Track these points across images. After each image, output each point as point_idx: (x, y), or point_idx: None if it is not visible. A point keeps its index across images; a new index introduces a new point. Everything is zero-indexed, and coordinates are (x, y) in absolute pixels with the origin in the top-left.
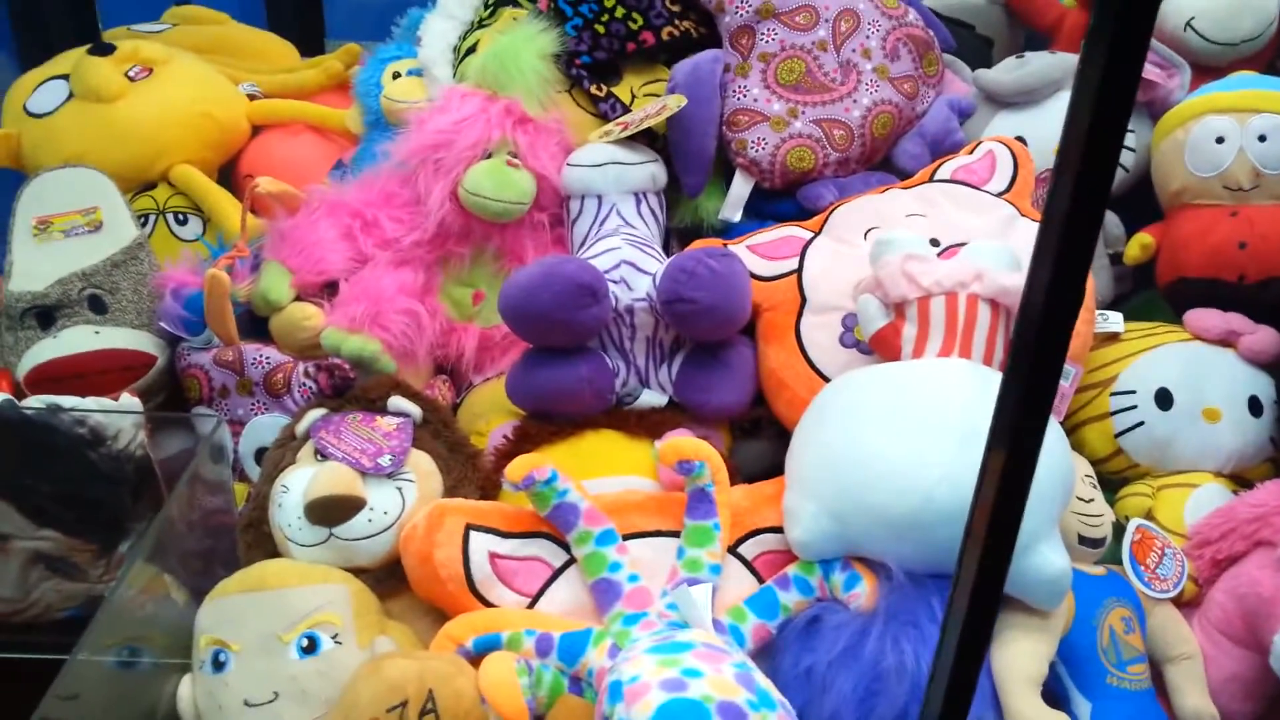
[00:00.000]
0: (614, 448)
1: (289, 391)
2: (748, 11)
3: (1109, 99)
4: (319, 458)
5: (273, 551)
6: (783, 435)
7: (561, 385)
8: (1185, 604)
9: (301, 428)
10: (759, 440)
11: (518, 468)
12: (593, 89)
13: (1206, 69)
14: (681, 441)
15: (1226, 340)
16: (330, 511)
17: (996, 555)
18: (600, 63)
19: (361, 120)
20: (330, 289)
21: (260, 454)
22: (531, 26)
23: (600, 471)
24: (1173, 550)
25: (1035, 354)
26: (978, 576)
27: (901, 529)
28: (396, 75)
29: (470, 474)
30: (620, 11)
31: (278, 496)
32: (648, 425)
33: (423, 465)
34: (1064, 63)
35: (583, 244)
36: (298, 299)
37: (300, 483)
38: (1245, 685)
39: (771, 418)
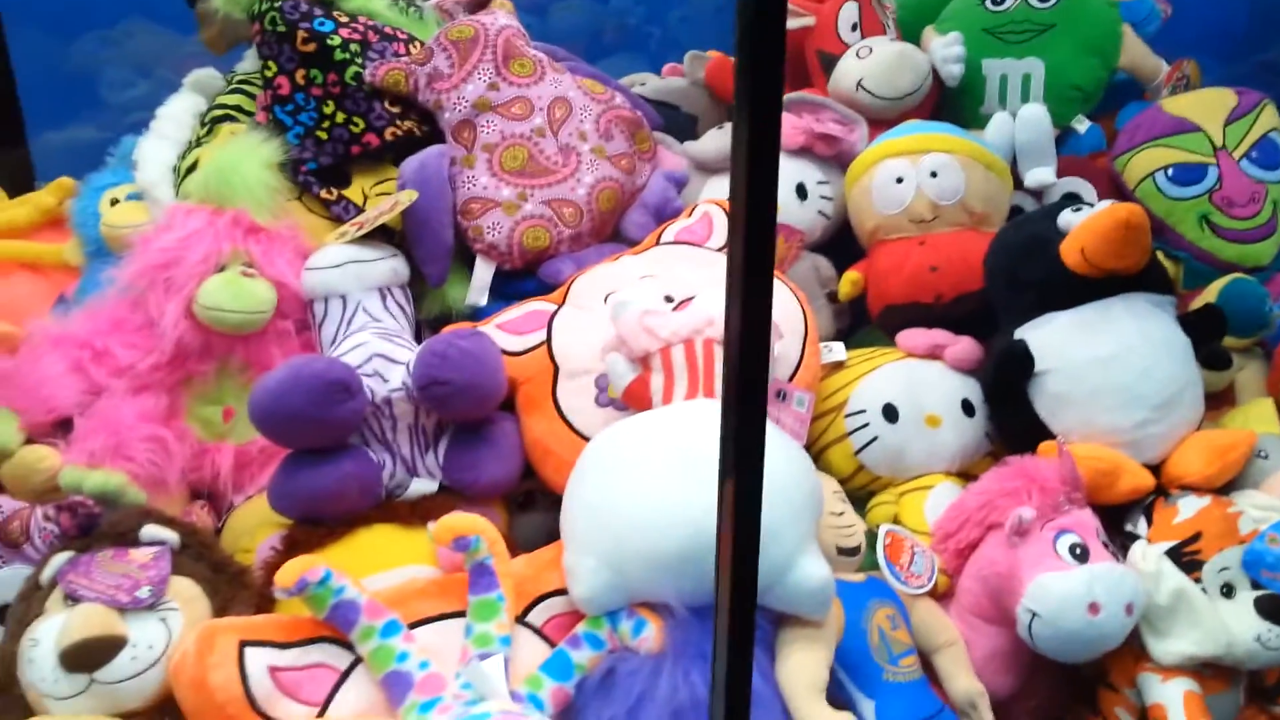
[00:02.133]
0: (389, 541)
1: (29, 539)
2: (465, 107)
3: (759, 152)
4: (69, 603)
5: (27, 716)
6: (557, 504)
7: (326, 486)
8: (941, 596)
9: (46, 575)
10: (535, 512)
11: (288, 572)
12: (323, 193)
13: (880, 121)
14: (454, 518)
15: (934, 354)
16: (89, 655)
17: (746, 574)
18: (327, 168)
19: (82, 251)
20: (64, 426)
21: (3, 612)
22: (252, 139)
23: (378, 567)
24: (921, 549)
25: (741, 385)
26: (732, 597)
27: (676, 565)
28: (115, 202)
29: (240, 592)
30: (341, 117)
31: (27, 652)
32: (421, 513)
33: (186, 591)
34: None
35: (332, 344)
36: (29, 441)
37: (51, 632)
38: (1004, 659)
39: (544, 488)
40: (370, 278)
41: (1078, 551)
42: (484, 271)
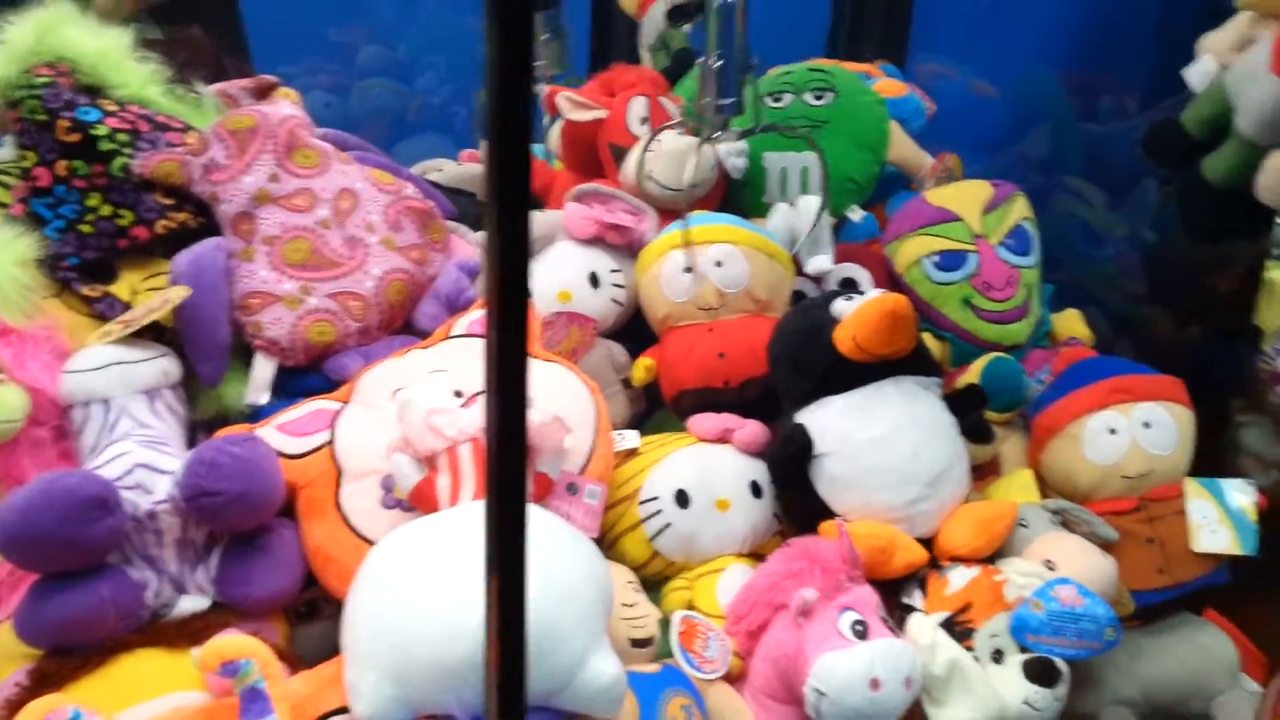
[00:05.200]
0: (154, 666)
1: None
2: (244, 199)
3: (510, 243)
4: None
5: None
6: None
7: (79, 613)
8: (735, 678)
9: None
10: (320, 622)
11: (28, 716)
12: (85, 290)
13: (669, 211)
14: (220, 642)
15: (723, 438)
16: None
17: (512, 679)
18: (91, 263)
19: None
20: None
21: None
22: (4, 234)
23: (140, 696)
24: (716, 632)
25: (501, 482)
26: (500, 705)
27: (460, 675)
28: None
29: None
30: (107, 209)
31: None
32: (191, 633)
33: None
34: (552, 219)
35: (92, 453)
36: None
37: None
38: None
39: (328, 596)
40: (137, 380)
41: (859, 629)
42: (264, 369)
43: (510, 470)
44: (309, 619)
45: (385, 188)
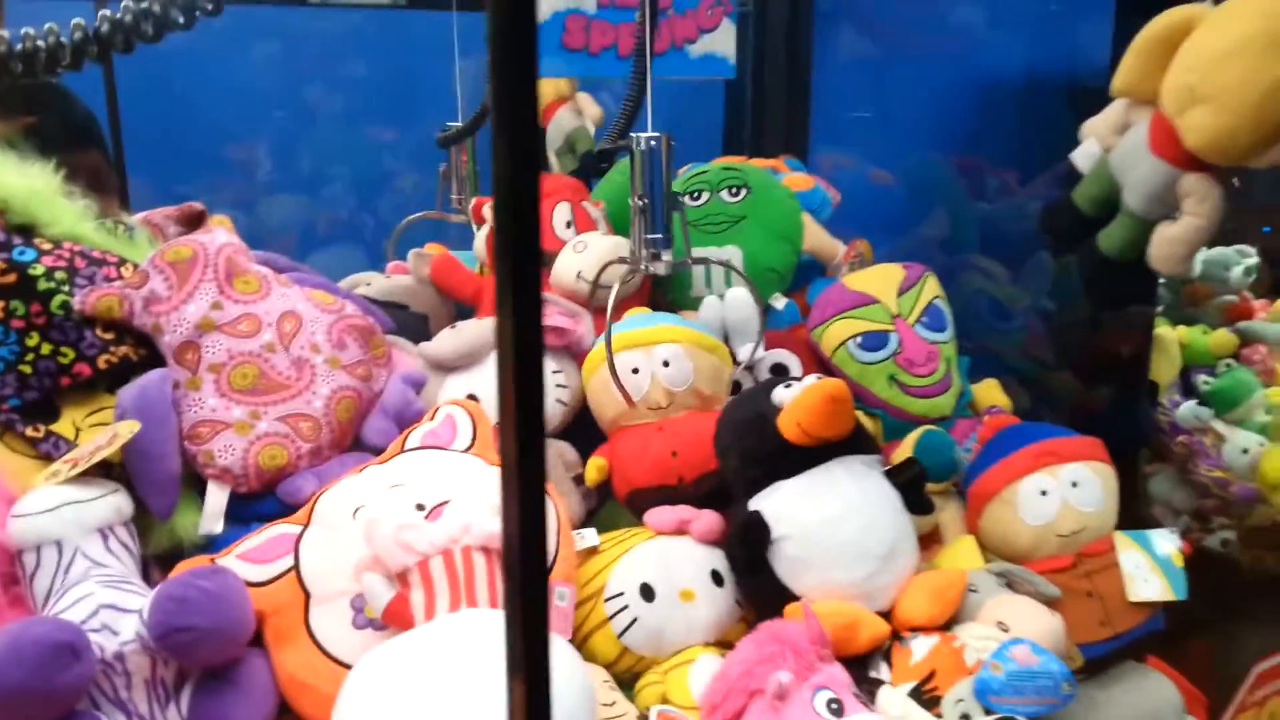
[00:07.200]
0: None
1: None
2: (187, 328)
3: (523, 341)
4: None
5: None
6: None
7: None
8: None
9: None
10: None
11: None
12: (28, 431)
13: (599, 309)
14: None
15: (681, 530)
16: None
17: None
18: (33, 403)
19: None
20: None
21: None
22: None
23: None
24: None
25: (522, 580)
26: None
27: None
28: None
29: None
30: (47, 348)
31: None
32: None
33: None
34: (489, 327)
35: (47, 599)
36: None
37: None
38: None
39: None
40: (90, 519)
41: (834, 707)
42: (217, 497)
43: (533, 573)
44: None
45: (327, 307)
